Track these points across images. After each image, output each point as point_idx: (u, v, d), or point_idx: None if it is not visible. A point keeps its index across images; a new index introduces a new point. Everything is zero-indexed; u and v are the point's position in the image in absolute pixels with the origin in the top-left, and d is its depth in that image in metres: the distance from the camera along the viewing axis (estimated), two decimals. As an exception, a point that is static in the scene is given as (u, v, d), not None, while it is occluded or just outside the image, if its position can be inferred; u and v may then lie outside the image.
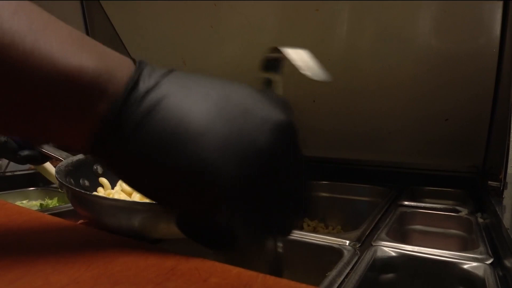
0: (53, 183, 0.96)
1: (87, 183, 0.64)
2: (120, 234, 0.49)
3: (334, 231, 0.93)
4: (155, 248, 0.38)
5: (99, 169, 0.68)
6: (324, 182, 1.02)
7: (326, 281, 0.45)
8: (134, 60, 0.34)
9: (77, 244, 0.40)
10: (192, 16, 0.98)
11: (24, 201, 1.00)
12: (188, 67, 1.08)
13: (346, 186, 0.99)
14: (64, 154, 0.63)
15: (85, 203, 0.53)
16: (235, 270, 0.32)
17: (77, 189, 0.59)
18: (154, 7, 1.01)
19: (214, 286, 0.29)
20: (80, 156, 0.65)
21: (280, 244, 0.46)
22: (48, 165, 0.90)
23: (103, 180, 0.67)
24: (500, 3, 0.72)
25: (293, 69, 0.96)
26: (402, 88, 0.88)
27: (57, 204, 0.96)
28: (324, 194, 1.01)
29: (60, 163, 0.60)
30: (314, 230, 0.92)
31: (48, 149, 0.63)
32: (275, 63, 0.38)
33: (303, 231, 0.63)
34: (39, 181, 1.08)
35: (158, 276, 0.31)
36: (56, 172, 0.56)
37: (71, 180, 0.59)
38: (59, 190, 0.97)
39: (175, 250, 0.37)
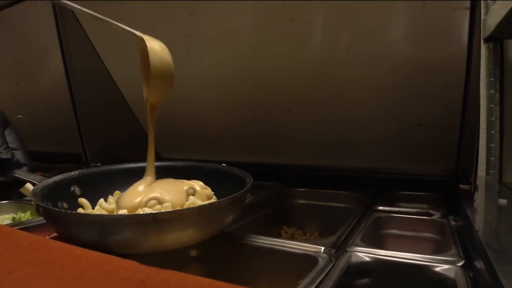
0: (26, 196, 0.94)
1: (65, 205, 0.62)
2: (105, 250, 0.47)
3: (311, 238, 0.93)
4: (126, 261, 0.38)
5: (77, 190, 0.66)
6: (300, 189, 1.03)
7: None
8: None
9: (47, 259, 0.39)
10: (167, 25, 0.98)
11: (-5, 215, 0.97)
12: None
13: (322, 193, 1.00)
14: (38, 177, 0.61)
15: (67, 222, 0.50)
16: (206, 282, 0.32)
17: (66, 211, 0.58)
18: (128, 16, 1.00)
19: (184, 299, 0.29)
20: (55, 178, 0.63)
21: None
22: (28, 184, 0.88)
23: (83, 200, 0.65)
24: (467, 12, 0.74)
25: (268, 79, 0.97)
26: (376, 95, 0.90)
27: (30, 218, 0.94)
28: (301, 201, 1.01)
29: (36, 186, 0.58)
30: (292, 237, 0.93)
31: (21, 174, 0.61)
32: None
33: (279, 239, 0.63)
34: (11, 194, 1.05)
35: (128, 290, 0.31)
36: (32, 195, 0.55)
37: (49, 203, 0.57)
38: (33, 203, 0.95)
39: (146, 262, 0.36)
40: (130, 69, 1.12)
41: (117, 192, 0.70)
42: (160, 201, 0.58)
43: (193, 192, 0.62)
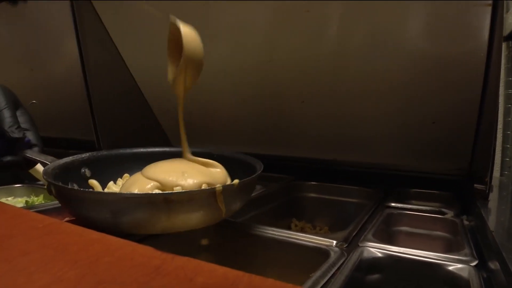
0: (39, 180, 0.95)
1: (75, 186, 0.62)
2: (115, 230, 0.47)
3: (321, 232, 0.93)
4: (141, 247, 0.38)
5: (87, 172, 0.66)
6: (312, 183, 1.02)
7: (309, 282, 0.45)
8: None
9: (62, 243, 0.40)
10: (182, 15, 0.97)
11: (9, 198, 0.99)
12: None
13: (334, 187, 0.99)
14: (50, 158, 0.61)
15: (78, 200, 0.50)
16: (221, 270, 0.32)
17: (79, 188, 0.58)
18: (145, 6, 1.00)
19: (200, 286, 0.29)
20: (66, 160, 0.63)
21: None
22: (39, 167, 0.89)
23: (93, 182, 0.65)
24: (489, 8, 0.72)
25: (282, 71, 0.96)
26: (391, 91, 0.89)
27: (43, 202, 0.95)
28: (312, 195, 1.01)
29: (47, 166, 0.58)
30: (302, 230, 0.93)
31: (32, 154, 0.60)
32: None
33: (290, 231, 0.63)
34: (24, 178, 1.07)
35: (143, 275, 0.31)
36: (44, 173, 0.55)
37: (60, 183, 0.56)
38: (45, 187, 0.96)
39: (161, 248, 0.36)
40: (145, 58, 1.12)
41: (126, 175, 0.70)
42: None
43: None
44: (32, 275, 0.31)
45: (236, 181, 0.55)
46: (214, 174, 0.61)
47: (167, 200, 0.47)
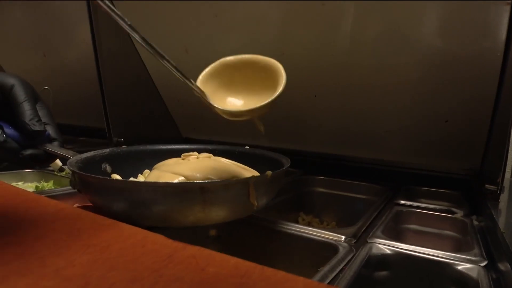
0: (49, 166, 0.96)
1: None
2: (145, 223, 0.47)
3: (328, 227, 0.93)
4: (152, 235, 0.38)
5: (108, 168, 0.66)
6: (321, 177, 1.02)
7: (318, 276, 0.45)
8: None
9: (74, 228, 0.40)
10: (197, 4, 0.97)
11: (19, 183, 0.99)
12: (190, 56, 1.07)
13: (343, 182, 0.99)
14: (71, 152, 0.61)
15: (111, 190, 0.50)
16: (233, 261, 0.32)
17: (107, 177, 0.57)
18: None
19: (212, 275, 0.29)
20: (87, 154, 0.63)
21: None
22: (59, 162, 0.90)
23: (117, 176, 0.65)
24: (508, 7, 0.71)
25: (295, 63, 0.96)
26: (404, 87, 0.88)
27: (53, 187, 0.96)
28: (320, 190, 1.01)
29: (70, 159, 0.58)
30: (309, 225, 0.93)
31: (53, 148, 0.59)
32: None
33: (299, 225, 0.63)
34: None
35: (155, 263, 0.31)
36: (69, 165, 0.55)
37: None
38: (55, 173, 0.97)
39: (172, 237, 0.37)
40: (158, 47, 1.11)
41: (146, 170, 0.70)
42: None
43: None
44: (45, 259, 0.32)
45: (269, 172, 0.55)
46: (243, 172, 0.61)
47: (203, 190, 0.46)
